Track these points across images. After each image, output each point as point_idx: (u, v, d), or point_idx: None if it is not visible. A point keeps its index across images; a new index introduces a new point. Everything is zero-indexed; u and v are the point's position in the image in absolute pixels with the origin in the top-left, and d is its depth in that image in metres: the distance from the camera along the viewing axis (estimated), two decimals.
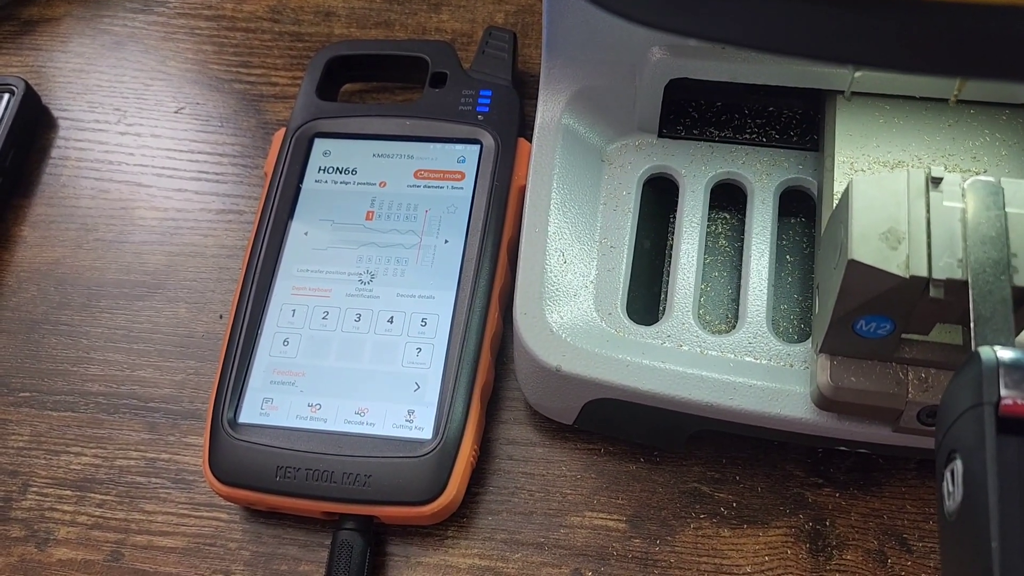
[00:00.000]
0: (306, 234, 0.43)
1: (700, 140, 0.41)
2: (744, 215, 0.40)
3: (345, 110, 0.46)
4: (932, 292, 0.28)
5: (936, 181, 0.29)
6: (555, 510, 0.39)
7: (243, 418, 0.39)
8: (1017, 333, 0.28)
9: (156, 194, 0.49)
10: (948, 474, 0.23)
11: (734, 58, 0.38)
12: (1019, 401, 0.22)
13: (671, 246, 0.40)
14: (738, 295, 0.38)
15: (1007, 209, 0.28)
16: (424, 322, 0.40)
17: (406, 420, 0.38)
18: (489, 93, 0.45)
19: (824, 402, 0.33)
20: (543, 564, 0.38)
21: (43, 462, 0.42)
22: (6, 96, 0.50)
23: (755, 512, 0.38)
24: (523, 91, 0.48)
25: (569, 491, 0.39)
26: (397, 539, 0.39)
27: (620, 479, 0.39)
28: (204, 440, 0.39)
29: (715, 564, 0.37)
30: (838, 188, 0.37)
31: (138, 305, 0.45)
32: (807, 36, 0.22)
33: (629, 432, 0.39)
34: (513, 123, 0.44)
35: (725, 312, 0.39)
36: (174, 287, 0.46)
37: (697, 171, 0.40)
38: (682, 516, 0.38)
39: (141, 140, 0.50)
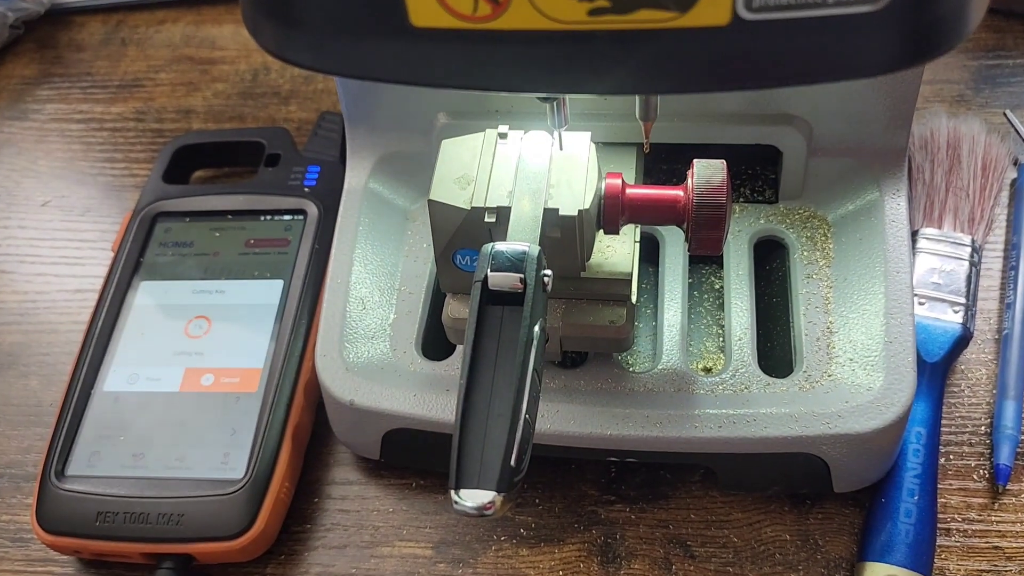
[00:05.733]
0: (143, 299, 0.46)
1: None
2: None
3: (186, 191, 0.50)
4: (486, 218, 0.34)
5: (503, 136, 0.37)
6: (367, 542, 0.41)
7: (71, 471, 0.41)
8: (549, 245, 0.34)
9: (17, 279, 0.52)
10: None
11: (506, 119, 0.43)
12: (498, 278, 0.30)
13: None
14: None
15: (553, 152, 0.36)
16: (241, 373, 0.43)
17: (221, 463, 0.41)
18: (317, 169, 0.50)
19: (453, 334, 0.39)
20: None
21: None
22: None
23: (552, 531, 0.41)
24: None
25: (381, 524, 0.42)
26: None
27: (428, 509, 0.42)
28: (34, 493, 0.41)
29: None
30: None
31: None
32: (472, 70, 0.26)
33: (430, 462, 0.42)
34: (337, 193, 0.48)
35: None
36: (27, 362, 0.49)
37: None
38: (484, 539, 0.41)
39: (8, 232, 0.54)
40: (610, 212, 0.36)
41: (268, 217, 0.49)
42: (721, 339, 0.42)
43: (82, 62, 0.62)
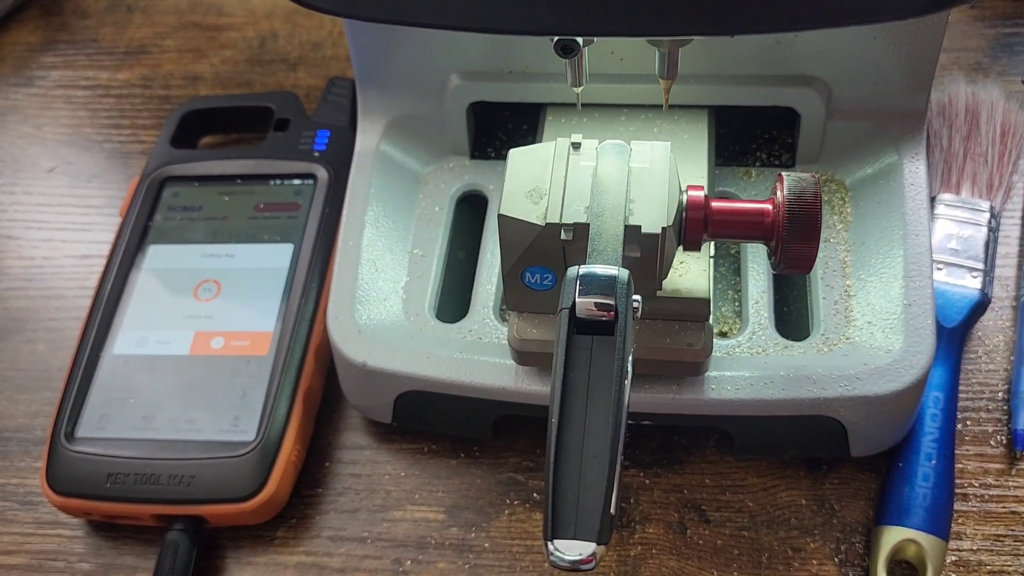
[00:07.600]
0: (152, 263, 0.46)
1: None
2: None
3: (194, 156, 0.50)
4: (563, 235, 0.32)
5: (576, 146, 0.34)
6: (379, 506, 0.41)
7: (80, 432, 0.41)
8: (627, 264, 0.31)
9: (24, 245, 0.52)
10: None
11: (521, 80, 0.42)
12: (588, 305, 0.27)
13: None
14: None
15: (631, 164, 0.33)
16: (252, 336, 0.43)
17: (232, 425, 0.40)
18: (327, 133, 0.49)
19: (518, 356, 0.36)
20: (366, 556, 0.40)
21: None
22: None
23: None
24: None
25: (392, 488, 0.41)
26: (229, 541, 0.41)
27: (441, 474, 0.42)
28: (43, 455, 0.41)
29: (527, 546, 0.39)
30: None
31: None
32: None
33: (444, 425, 0.41)
34: (347, 158, 0.48)
35: None
36: (35, 327, 0.48)
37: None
38: (497, 504, 0.40)
39: (14, 198, 0.54)
40: (692, 228, 0.34)
41: (278, 181, 0.48)
42: (737, 303, 0.41)
43: (88, 29, 0.62)
